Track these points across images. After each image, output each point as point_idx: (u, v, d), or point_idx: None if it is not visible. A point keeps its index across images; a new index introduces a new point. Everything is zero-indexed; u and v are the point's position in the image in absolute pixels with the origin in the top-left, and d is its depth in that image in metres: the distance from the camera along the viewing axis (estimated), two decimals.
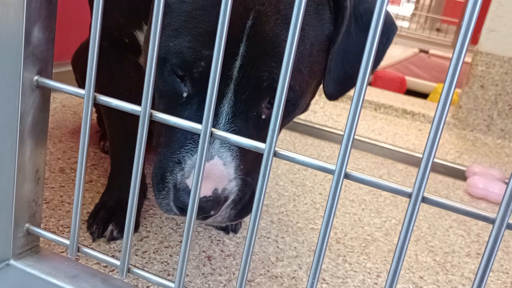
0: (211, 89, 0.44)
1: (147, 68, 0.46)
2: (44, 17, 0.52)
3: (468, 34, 0.35)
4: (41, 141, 0.58)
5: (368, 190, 1.30)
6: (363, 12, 0.67)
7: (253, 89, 0.60)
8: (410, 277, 0.92)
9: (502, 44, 1.96)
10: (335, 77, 0.67)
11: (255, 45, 0.58)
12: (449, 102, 0.37)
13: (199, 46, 0.58)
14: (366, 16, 0.67)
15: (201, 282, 0.78)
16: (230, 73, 0.59)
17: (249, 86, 0.59)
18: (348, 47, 0.67)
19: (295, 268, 0.87)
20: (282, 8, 0.60)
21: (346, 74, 0.68)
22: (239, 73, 0.59)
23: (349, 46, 0.67)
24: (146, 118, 0.47)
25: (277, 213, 1.08)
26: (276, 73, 0.59)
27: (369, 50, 0.38)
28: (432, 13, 4.97)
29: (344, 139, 0.41)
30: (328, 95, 0.69)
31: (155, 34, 0.45)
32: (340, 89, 0.71)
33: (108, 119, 0.93)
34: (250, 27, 0.58)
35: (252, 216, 0.45)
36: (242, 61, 0.58)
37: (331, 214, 0.42)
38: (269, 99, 0.62)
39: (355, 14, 0.67)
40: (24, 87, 0.52)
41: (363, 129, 1.88)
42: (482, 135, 2.01)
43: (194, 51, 0.58)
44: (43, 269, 0.57)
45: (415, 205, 0.40)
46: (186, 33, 0.59)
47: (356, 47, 0.67)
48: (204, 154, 0.46)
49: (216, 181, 0.59)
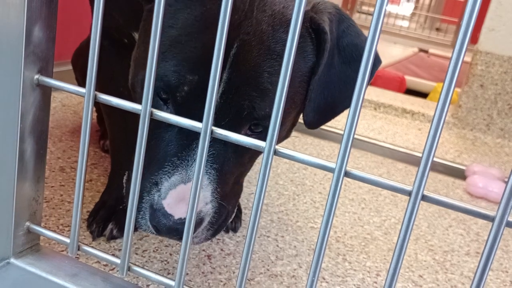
0: (212, 88, 0.45)
1: (148, 67, 0.46)
2: (45, 16, 0.53)
3: (467, 33, 0.36)
4: (42, 140, 0.58)
5: (368, 189, 1.31)
6: (346, 45, 0.68)
7: (233, 116, 0.60)
8: (410, 276, 0.92)
9: (501, 44, 1.96)
10: (315, 107, 0.68)
11: (238, 73, 0.59)
12: (449, 101, 0.37)
13: (184, 71, 0.59)
14: (349, 49, 0.68)
15: (201, 280, 0.78)
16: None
17: (230, 112, 0.60)
18: (330, 78, 0.68)
19: (294, 266, 0.87)
20: (265, 39, 0.61)
21: (327, 104, 0.69)
22: (221, 99, 0.60)
23: (331, 77, 0.68)
24: (146, 116, 0.47)
25: (277, 212, 1.08)
26: (256, 102, 0.60)
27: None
28: (431, 13, 4.97)
29: (344, 137, 0.41)
30: (307, 123, 0.70)
31: (155, 34, 0.45)
32: (320, 119, 0.72)
33: (109, 118, 0.93)
34: (234, 54, 0.59)
35: (252, 215, 0.45)
36: (224, 88, 0.59)
37: (331, 212, 0.43)
38: (249, 126, 0.63)
39: (339, 46, 0.68)
40: (24, 86, 0.53)
41: (362, 128, 1.88)
42: (481, 134, 2.01)
43: (179, 75, 0.59)
44: (43, 267, 0.58)
45: (415, 203, 0.40)
46: (172, 57, 0.60)
47: (338, 78, 0.69)
48: (204, 154, 0.46)
49: None
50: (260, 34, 0.61)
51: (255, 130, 0.64)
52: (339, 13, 0.68)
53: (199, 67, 0.59)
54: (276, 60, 0.61)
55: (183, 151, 0.61)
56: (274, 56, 0.61)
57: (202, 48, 0.59)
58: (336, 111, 0.73)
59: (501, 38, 1.96)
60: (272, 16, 0.63)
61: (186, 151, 0.61)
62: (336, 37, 0.67)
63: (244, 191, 1.14)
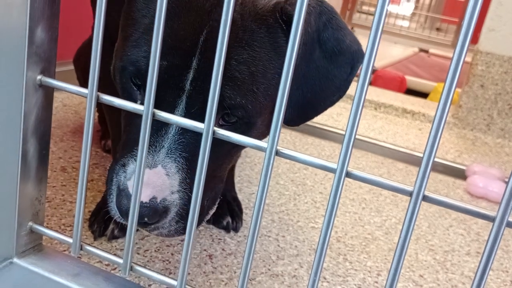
0: (213, 88, 0.45)
1: (150, 68, 0.46)
2: (47, 16, 0.53)
3: (468, 33, 0.36)
4: (44, 140, 0.58)
5: (369, 189, 1.31)
6: (327, 39, 0.66)
7: (203, 104, 0.60)
8: (410, 276, 0.93)
9: (502, 44, 1.96)
10: (293, 103, 0.67)
11: (207, 60, 0.59)
12: (450, 102, 0.37)
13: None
14: (330, 43, 0.66)
15: (202, 280, 0.78)
16: (182, 85, 0.60)
17: (200, 100, 0.60)
18: (309, 73, 0.66)
19: (296, 266, 0.88)
20: (234, 27, 0.60)
21: (306, 100, 0.68)
22: (191, 86, 0.59)
23: (310, 72, 0.66)
24: (148, 117, 0.48)
25: (278, 212, 1.08)
26: (225, 90, 0.59)
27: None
28: (432, 13, 4.97)
29: (346, 138, 0.41)
30: (286, 120, 0.68)
31: (157, 34, 0.45)
32: (300, 116, 0.70)
33: (111, 118, 0.93)
34: (203, 41, 0.59)
35: (254, 215, 0.45)
36: (194, 75, 0.59)
37: (332, 212, 0.43)
38: (221, 115, 0.62)
39: (319, 40, 0.66)
40: (27, 86, 0.53)
41: (363, 128, 1.88)
42: (482, 134, 2.02)
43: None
44: (46, 267, 0.58)
45: (416, 203, 0.40)
46: (143, 43, 0.61)
47: (319, 73, 0.67)
48: (206, 154, 0.46)
49: (155, 190, 0.59)
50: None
51: (229, 120, 0.63)
52: (320, 5, 0.66)
53: (169, 53, 0.59)
54: (244, 49, 0.61)
55: (152, 136, 0.60)
56: (242, 44, 0.61)
57: (172, 35, 0.59)
58: (318, 108, 0.71)
59: (502, 38, 1.96)
60: (243, 5, 0.62)
61: (155, 137, 0.60)
62: (316, 30, 0.65)
63: (245, 191, 1.15)
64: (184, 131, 0.61)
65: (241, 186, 1.17)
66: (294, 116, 0.69)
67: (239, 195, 1.08)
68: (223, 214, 0.96)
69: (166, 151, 0.60)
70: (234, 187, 1.06)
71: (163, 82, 0.59)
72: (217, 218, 0.95)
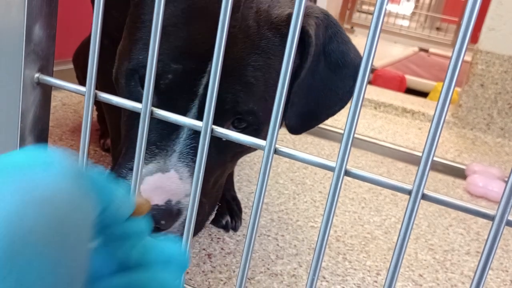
0: (212, 86, 0.45)
1: (148, 67, 0.46)
2: (45, 14, 0.53)
3: (468, 32, 0.36)
4: (42, 138, 0.58)
5: (368, 188, 1.31)
6: (332, 51, 0.67)
7: (216, 109, 0.60)
8: (410, 275, 0.92)
9: (502, 43, 1.96)
10: (297, 112, 0.67)
11: (222, 65, 0.59)
12: (449, 101, 0.37)
13: (168, 59, 0.59)
14: (335, 55, 0.67)
15: (201, 279, 0.78)
16: (196, 89, 0.60)
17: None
18: (314, 83, 0.67)
19: (295, 266, 0.88)
20: (251, 33, 0.61)
21: (309, 110, 0.68)
22: (204, 91, 0.59)
23: (315, 83, 0.67)
24: (147, 115, 0.47)
25: (277, 211, 1.08)
26: (240, 96, 0.60)
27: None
28: (432, 12, 4.97)
29: (345, 136, 0.41)
30: (289, 127, 0.69)
31: (155, 34, 0.45)
32: (303, 124, 0.71)
33: (110, 117, 0.93)
34: None
35: (253, 214, 0.45)
36: (208, 80, 0.59)
37: (331, 211, 0.43)
38: (232, 120, 0.62)
39: (325, 52, 0.67)
40: (25, 84, 0.53)
41: (362, 127, 1.88)
42: (481, 133, 2.01)
43: (163, 63, 0.59)
44: None
45: (415, 202, 0.40)
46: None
47: (323, 84, 0.68)
48: (204, 154, 0.46)
49: (170, 193, 0.58)
50: (246, 29, 0.61)
51: (238, 126, 0.63)
52: (327, 19, 0.68)
53: (184, 57, 0.59)
54: (261, 56, 0.61)
55: (163, 140, 0.60)
56: (259, 51, 0.61)
57: (187, 39, 0.59)
58: (320, 117, 0.73)
59: (502, 37, 1.96)
60: (258, 13, 0.62)
61: (166, 141, 0.60)
62: (323, 43, 0.67)
63: (245, 190, 1.14)
64: (195, 135, 0.60)
65: (241, 185, 1.17)
66: (298, 125, 0.70)
67: (239, 194, 1.07)
68: (222, 213, 0.96)
69: (178, 156, 0.60)
70: (234, 186, 1.06)
71: (177, 86, 0.59)
72: (216, 217, 0.95)
